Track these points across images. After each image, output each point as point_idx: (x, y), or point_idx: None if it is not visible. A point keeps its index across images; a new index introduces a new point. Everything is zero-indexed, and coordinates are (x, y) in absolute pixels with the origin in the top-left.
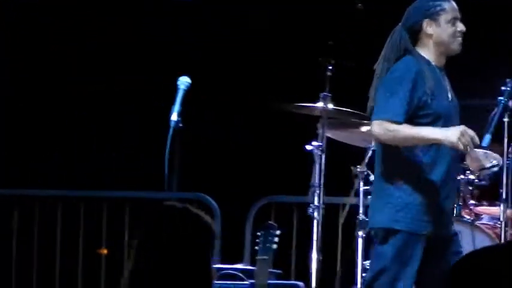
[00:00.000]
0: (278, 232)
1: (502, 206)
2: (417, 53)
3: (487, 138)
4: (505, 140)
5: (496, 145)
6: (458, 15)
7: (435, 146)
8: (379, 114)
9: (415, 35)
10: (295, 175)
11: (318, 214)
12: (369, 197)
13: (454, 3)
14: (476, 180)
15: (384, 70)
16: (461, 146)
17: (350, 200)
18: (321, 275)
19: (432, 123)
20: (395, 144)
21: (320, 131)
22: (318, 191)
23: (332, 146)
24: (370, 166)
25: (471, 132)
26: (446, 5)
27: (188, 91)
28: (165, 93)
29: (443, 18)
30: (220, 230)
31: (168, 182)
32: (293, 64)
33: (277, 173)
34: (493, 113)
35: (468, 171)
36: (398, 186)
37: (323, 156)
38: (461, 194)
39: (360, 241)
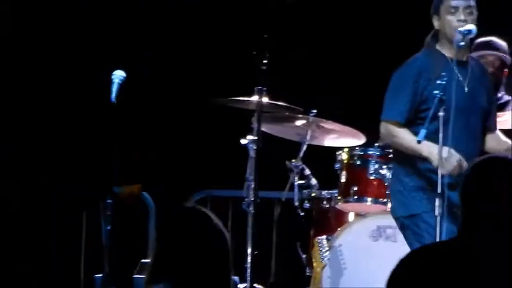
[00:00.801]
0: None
1: (437, 200)
2: (434, 48)
3: (423, 132)
4: (440, 135)
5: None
6: (461, 4)
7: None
8: (383, 114)
9: (434, 31)
10: (231, 169)
11: (253, 208)
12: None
13: None
14: None
15: None
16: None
17: (285, 194)
18: (256, 269)
19: (432, 120)
20: (396, 148)
21: (255, 125)
22: (252, 185)
23: (267, 140)
24: (305, 160)
25: (465, 164)
26: None
27: (123, 84)
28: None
29: (443, 9)
30: (155, 225)
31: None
32: (228, 58)
33: (213, 167)
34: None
35: None
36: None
37: (258, 151)
38: None
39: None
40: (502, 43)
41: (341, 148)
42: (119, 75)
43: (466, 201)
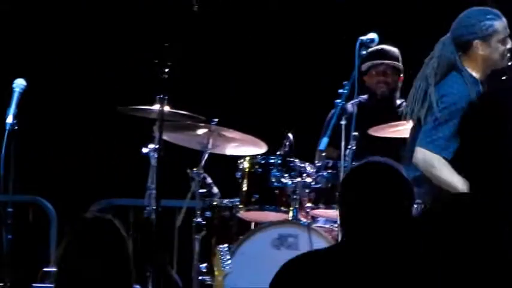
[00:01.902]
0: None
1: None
2: (466, 71)
3: (324, 141)
4: (342, 143)
5: (333, 148)
6: (508, 32)
7: None
8: (427, 143)
9: (463, 50)
10: (132, 178)
11: (154, 217)
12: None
13: (504, 21)
14: (312, 183)
15: (432, 80)
16: None
17: (186, 203)
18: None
19: None
20: (429, 176)
21: (156, 134)
22: (154, 194)
23: (168, 148)
24: (206, 169)
25: None
26: (498, 25)
27: (24, 93)
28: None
29: (495, 39)
30: (57, 233)
31: (3, 185)
32: (129, 66)
33: (114, 176)
34: (330, 115)
35: (305, 174)
36: None
37: (159, 159)
38: (298, 197)
39: (197, 244)
40: (393, 49)
41: (243, 157)
42: (19, 83)
43: (344, 206)
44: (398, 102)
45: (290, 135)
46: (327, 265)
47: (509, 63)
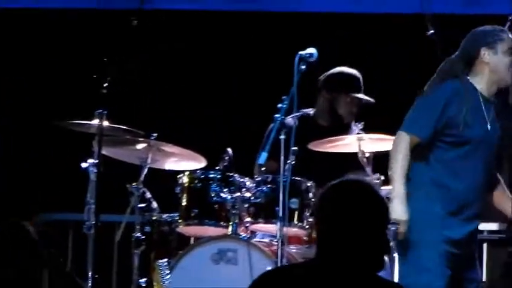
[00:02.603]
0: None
1: (278, 223)
2: (466, 79)
3: (263, 156)
4: (282, 158)
5: (272, 162)
6: None
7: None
8: (406, 126)
9: (470, 62)
10: (71, 193)
11: (94, 231)
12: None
13: (510, 35)
14: (252, 198)
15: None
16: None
17: (126, 217)
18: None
19: (456, 146)
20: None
21: (95, 149)
22: (93, 209)
23: (108, 163)
24: (146, 184)
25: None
26: (504, 36)
27: None
28: None
29: (501, 47)
30: None
31: None
32: (68, 81)
33: (53, 191)
34: (269, 130)
35: (244, 189)
36: None
37: (98, 174)
38: (237, 212)
39: (136, 259)
40: (352, 72)
41: (182, 171)
42: None
43: (321, 223)
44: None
45: (229, 150)
46: (299, 281)
47: None
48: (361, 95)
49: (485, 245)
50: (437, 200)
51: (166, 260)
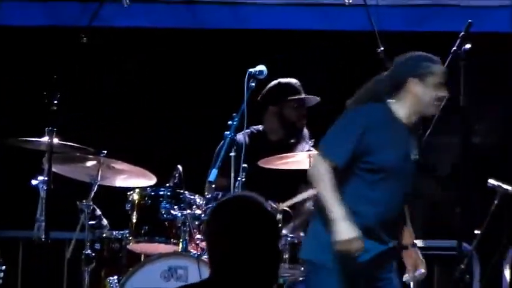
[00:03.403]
0: (3, 267)
1: None
2: (387, 104)
3: (214, 172)
4: (232, 174)
5: (222, 180)
6: (444, 80)
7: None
8: (325, 147)
9: (397, 86)
10: (21, 210)
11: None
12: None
13: (443, 68)
14: (202, 215)
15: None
16: (352, 249)
17: (76, 234)
18: None
19: (372, 173)
20: (313, 184)
21: (45, 166)
22: (43, 226)
23: (58, 180)
24: (96, 201)
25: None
26: (436, 69)
27: None
28: None
29: (431, 81)
30: None
31: None
32: (18, 98)
33: (3, 208)
34: (219, 147)
35: (194, 206)
36: None
37: (48, 191)
38: (187, 229)
39: (86, 276)
40: (289, 79)
41: (132, 188)
42: None
43: (209, 239)
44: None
45: (179, 167)
46: None
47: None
48: (303, 95)
49: (435, 264)
50: None
51: (116, 277)
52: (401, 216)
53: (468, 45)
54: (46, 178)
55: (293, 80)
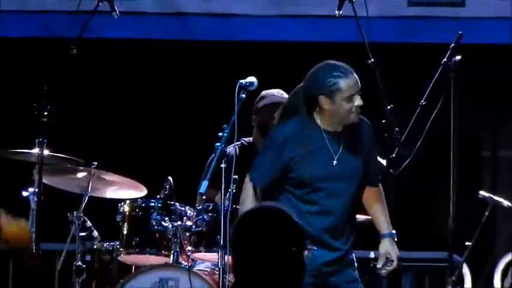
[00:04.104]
0: None
1: (219, 252)
2: (307, 117)
3: (204, 184)
4: (222, 186)
5: (213, 191)
6: (356, 90)
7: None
8: (250, 171)
9: (310, 101)
10: None
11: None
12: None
13: (352, 79)
14: (193, 227)
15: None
16: None
17: (67, 246)
18: None
19: (300, 188)
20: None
21: (36, 177)
22: (34, 237)
23: (48, 192)
24: (86, 212)
25: None
26: (342, 84)
27: None
28: None
29: (339, 97)
30: None
31: None
32: (8, 109)
33: None
34: (210, 159)
35: (185, 217)
36: None
37: (39, 203)
38: (178, 240)
39: None
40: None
41: (123, 200)
42: None
43: (237, 252)
44: None
45: (170, 178)
46: None
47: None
48: (277, 99)
49: (427, 275)
50: None
51: None
52: (350, 219)
53: (458, 57)
54: (37, 190)
55: (272, 90)
